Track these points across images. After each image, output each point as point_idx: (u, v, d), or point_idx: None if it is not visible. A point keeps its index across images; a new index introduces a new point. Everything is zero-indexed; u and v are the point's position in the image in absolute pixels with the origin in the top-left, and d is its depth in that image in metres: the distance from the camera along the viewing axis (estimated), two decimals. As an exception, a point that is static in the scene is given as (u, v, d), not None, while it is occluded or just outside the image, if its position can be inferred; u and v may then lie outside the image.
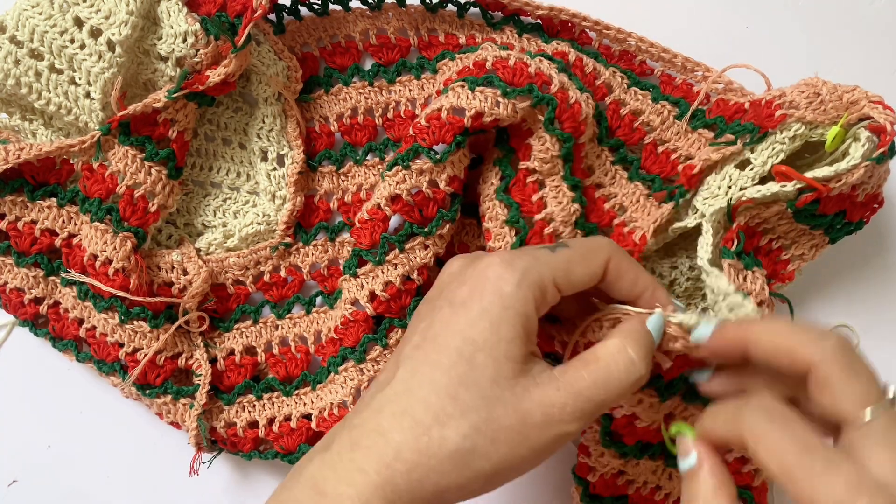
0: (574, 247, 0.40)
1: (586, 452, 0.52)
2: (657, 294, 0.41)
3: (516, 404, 0.36)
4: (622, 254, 0.41)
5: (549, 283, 0.38)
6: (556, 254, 0.39)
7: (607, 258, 0.40)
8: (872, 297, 0.58)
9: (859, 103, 0.46)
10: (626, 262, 0.40)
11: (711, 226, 0.47)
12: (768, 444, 0.34)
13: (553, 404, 0.36)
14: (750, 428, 0.35)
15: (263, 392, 0.54)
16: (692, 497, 0.36)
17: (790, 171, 0.46)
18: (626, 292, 0.41)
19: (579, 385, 0.37)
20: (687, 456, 0.38)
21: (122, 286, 0.50)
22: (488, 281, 0.37)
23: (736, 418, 0.36)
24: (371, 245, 0.51)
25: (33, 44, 0.49)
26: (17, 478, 0.57)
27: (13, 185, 0.52)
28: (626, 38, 0.54)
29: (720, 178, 0.49)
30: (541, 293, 0.38)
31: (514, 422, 0.36)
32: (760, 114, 0.49)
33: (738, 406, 0.36)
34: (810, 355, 0.35)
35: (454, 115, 0.48)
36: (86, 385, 0.56)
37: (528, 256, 0.38)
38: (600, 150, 0.53)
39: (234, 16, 0.49)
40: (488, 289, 0.37)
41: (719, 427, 0.37)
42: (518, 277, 0.37)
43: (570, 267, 0.38)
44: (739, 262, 0.46)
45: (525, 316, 0.37)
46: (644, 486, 0.53)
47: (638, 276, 0.41)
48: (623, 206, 0.53)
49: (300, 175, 0.54)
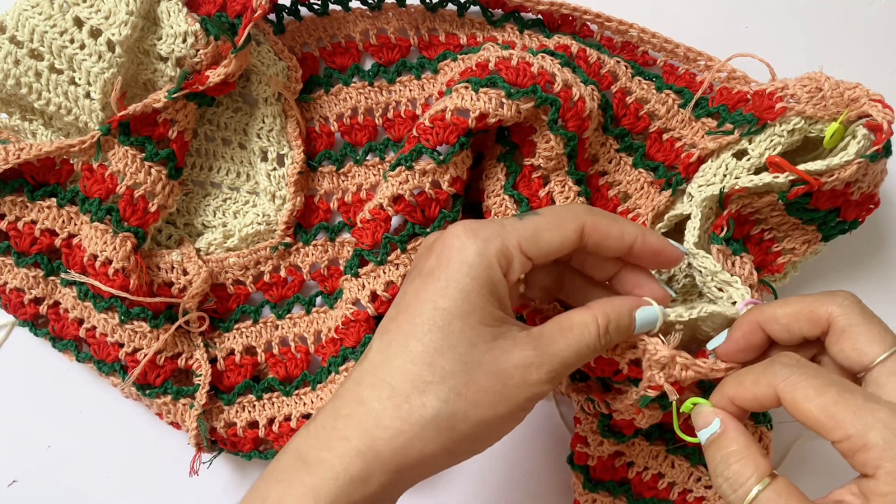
0: (543, 214, 0.40)
1: (584, 442, 0.52)
2: (648, 239, 0.41)
3: (495, 366, 0.37)
4: (600, 214, 0.40)
5: (515, 249, 0.38)
6: (524, 221, 0.39)
7: (581, 223, 0.40)
8: (872, 297, 0.58)
9: (859, 100, 0.47)
10: (607, 220, 0.40)
11: (702, 211, 0.47)
12: (807, 390, 0.35)
13: (530, 364, 0.37)
14: (784, 378, 0.36)
15: (263, 392, 0.54)
16: (724, 458, 0.37)
17: (783, 163, 0.47)
18: (616, 248, 0.41)
19: (554, 348, 0.38)
20: (709, 424, 0.38)
21: (122, 286, 0.50)
22: (453, 249, 0.38)
23: (766, 374, 0.37)
24: (373, 245, 0.51)
25: (33, 44, 0.49)
26: (17, 478, 0.57)
27: (13, 185, 0.52)
28: (627, 29, 0.54)
29: (716, 165, 0.50)
30: (506, 259, 0.38)
31: (493, 383, 0.37)
32: (761, 105, 0.49)
33: (767, 364, 0.37)
34: (829, 310, 0.37)
35: (458, 116, 0.48)
36: (86, 385, 0.56)
37: (494, 224, 0.39)
38: (605, 138, 0.53)
39: (234, 16, 0.49)
40: (454, 258, 0.38)
41: (746, 388, 0.37)
42: (481, 245, 0.38)
43: (538, 234, 0.39)
44: (728, 248, 0.47)
45: (493, 282, 0.38)
46: (645, 472, 0.54)
47: (623, 230, 0.40)
48: (627, 194, 0.54)
49: (300, 175, 0.54)
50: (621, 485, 0.54)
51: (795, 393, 0.35)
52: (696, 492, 0.53)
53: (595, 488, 0.53)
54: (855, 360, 0.36)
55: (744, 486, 0.36)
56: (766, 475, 0.35)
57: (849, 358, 0.36)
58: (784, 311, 0.38)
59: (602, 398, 0.47)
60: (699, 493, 0.53)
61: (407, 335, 0.37)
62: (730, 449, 0.37)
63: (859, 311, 0.36)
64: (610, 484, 0.54)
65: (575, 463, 0.53)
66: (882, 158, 0.47)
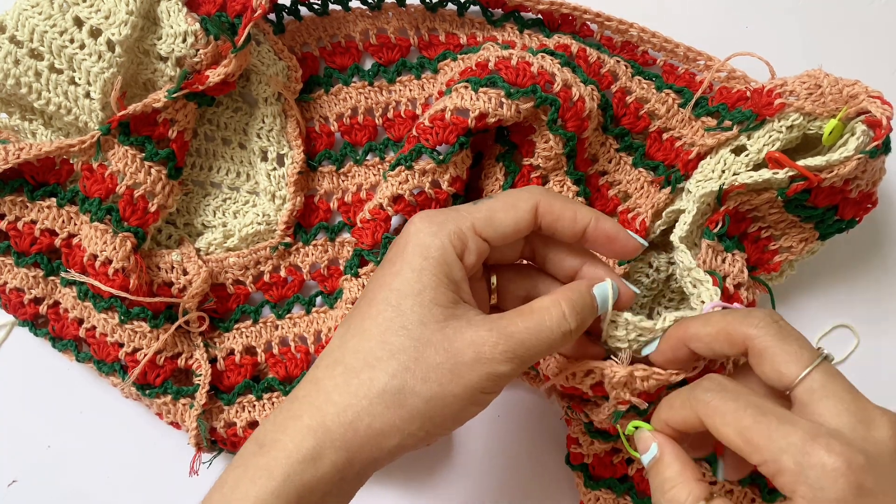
0: (498, 197, 0.40)
1: (576, 443, 0.53)
2: (601, 224, 0.41)
3: (446, 344, 0.37)
4: (553, 196, 0.41)
5: (469, 231, 0.39)
6: (478, 205, 0.40)
7: (535, 202, 0.40)
8: (872, 296, 0.58)
9: (858, 97, 0.47)
10: (560, 202, 0.40)
11: (698, 206, 0.47)
12: (724, 414, 0.35)
13: (484, 343, 0.37)
14: (705, 403, 0.36)
15: (263, 392, 0.54)
16: (661, 484, 0.37)
17: (783, 158, 0.47)
18: (570, 231, 0.41)
19: (511, 328, 0.38)
20: (648, 449, 0.39)
21: (121, 286, 0.50)
22: (410, 235, 0.39)
23: (690, 399, 0.37)
24: (373, 245, 0.51)
25: (33, 44, 0.49)
26: (17, 478, 0.57)
27: (13, 185, 0.52)
28: (627, 29, 0.54)
29: (714, 161, 0.50)
30: (460, 241, 0.38)
31: (444, 359, 0.37)
32: (760, 101, 0.49)
33: (691, 388, 0.38)
34: (744, 331, 0.36)
35: (458, 115, 0.48)
36: (86, 385, 0.56)
37: (450, 211, 0.40)
38: (605, 137, 0.53)
39: (233, 16, 0.49)
40: (410, 242, 0.38)
41: (676, 411, 0.38)
42: (435, 228, 0.38)
43: (492, 215, 0.39)
44: (720, 244, 0.47)
45: (447, 263, 0.38)
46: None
47: (576, 212, 0.40)
48: (627, 194, 0.54)
49: (300, 175, 0.54)
50: (623, 482, 0.54)
51: (714, 418, 0.35)
52: None
53: (597, 486, 0.53)
54: (776, 381, 0.36)
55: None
56: (702, 499, 0.36)
57: (770, 379, 0.36)
58: (705, 331, 0.38)
59: (581, 409, 0.47)
60: None
61: (363, 316, 0.38)
62: (665, 474, 0.37)
63: (775, 332, 0.36)
64: (611, 481, 0.54)
65: (572, 463, 0.54)
66: (881, 155, 0.47)
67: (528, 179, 0.50)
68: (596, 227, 0.40)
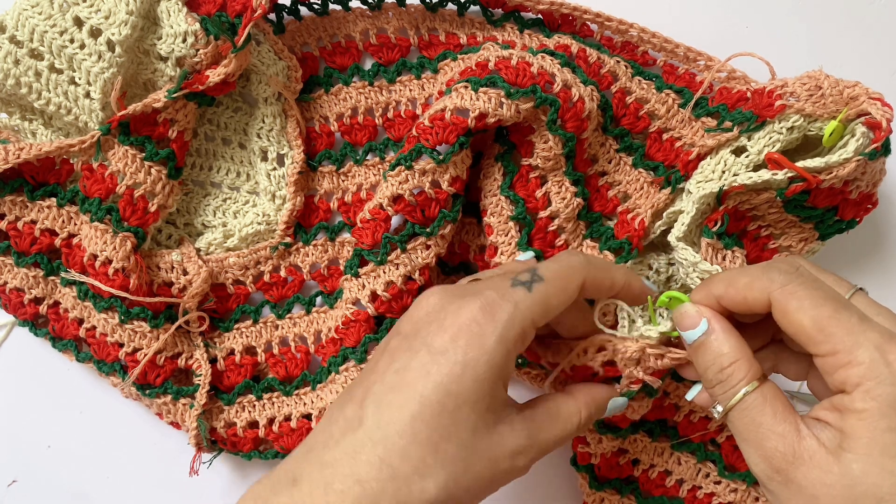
0: (549, 279, 0.39)
1: (584, 442, 0.53)
2: (632, 286, 0.42)
3: (490, 453, 0.37)
4: (594, 266, 0.41)
5: (529, 327, 0.38)
6: (533, 293, 0.38)
7: (582, 279, 0.40)
8: (872, 296, 0.58)
9: (859, 99, 0.47)
10: (600, 273, 0.41)
11: (697, 207, 0.48)
12: (803, 299, 0.34)
13: (521, 453, 0.38)
14: (782, 286, 0.35)
15: (263, 392, 0.54)
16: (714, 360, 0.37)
17: (782, 159, 0.47)
18: (604, 295, 0.42)
19: (542, 436, 0.39)
20: (696, 325, 0.38)
21: (122, 286, 0.50)
22: (471, 334, 0.36)
23: (762, 279, 0.36)
24: (373, 245, 0.51)
25: (33, 44, 0.49)
26: (17, 478, 0.57)
27: (13, 185, 0.52)
28: (627, 29, 0.54)
29: (714, 161, 0.50)
30: (522, 341, 0.38)
31: (486, 469, 0.37)
32: (760, 103, 0.49)
33: (764, 267, 0.37)
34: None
35: (458, 115, 0.48)
36: (86, 385, 0.56)
37: (508, 304, 0.37)
38: (604, 138, 0.53)
39: (234, 16, 0.49)
40: (472, 343, 0.36)
41: (739, 289, 0.37)
42: (500, 331, 0.37)
43: (548, 301, 0.38)
44: (719, 242, 0.47)
45: (507, 369, 0.37)
46: (651, 469, 0.54)
47: (613, 279, 0.41)
48: (627, 194, 0.54)
49: (300, 175, 0.54)
50: (628, 483, 0.54)
51: (791, 302, 0.35)
52: (705, 488, 0.53)
53: (602, 487, 0.53)
54: None
55: (734, 389, 0.36)
56: (757, 378, 0.35)
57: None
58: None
59: None
60: (708, 489, 0.53)
61: (414, 416, 0.36)
62: (722, 350, 0.37)
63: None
64: (616, 482, 0.54)
65: (578, 464, 0.53)
66: (881, 157, 0.47)
67: (526, 179, 0.50)
68: (628, 290, 0.42)
